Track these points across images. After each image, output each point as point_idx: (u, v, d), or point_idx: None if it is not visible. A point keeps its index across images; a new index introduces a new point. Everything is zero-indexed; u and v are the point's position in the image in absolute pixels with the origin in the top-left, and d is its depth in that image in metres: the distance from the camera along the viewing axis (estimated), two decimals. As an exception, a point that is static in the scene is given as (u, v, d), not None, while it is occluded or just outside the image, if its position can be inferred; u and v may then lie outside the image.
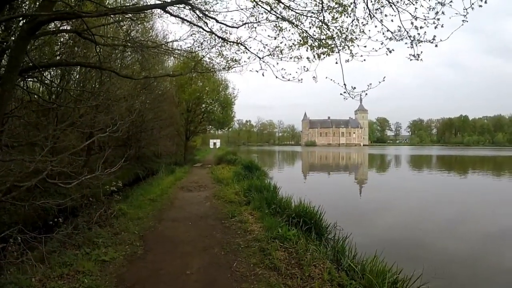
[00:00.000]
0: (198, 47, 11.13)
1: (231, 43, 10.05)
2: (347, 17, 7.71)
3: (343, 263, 7.04)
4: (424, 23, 6.65)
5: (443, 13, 6.47)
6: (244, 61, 10.38)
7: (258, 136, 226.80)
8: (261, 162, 44.11)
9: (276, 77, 8.87)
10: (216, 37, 10.03)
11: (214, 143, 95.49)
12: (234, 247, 7.93)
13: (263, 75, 9.47)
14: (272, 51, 9.19)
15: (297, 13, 8.25)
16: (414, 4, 6.69)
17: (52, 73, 15.09)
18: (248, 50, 9.83)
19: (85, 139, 13.85)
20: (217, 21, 9.39)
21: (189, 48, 11.71)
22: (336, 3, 7.69)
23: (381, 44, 7.16)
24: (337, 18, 7.84)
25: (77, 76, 16.89)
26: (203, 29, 9.91)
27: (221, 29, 9.76)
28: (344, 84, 7.50)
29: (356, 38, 7.84)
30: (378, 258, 7.08)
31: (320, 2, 7.82)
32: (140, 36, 17.47)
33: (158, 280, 6.24)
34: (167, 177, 20.42)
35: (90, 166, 13.54)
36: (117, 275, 6.38)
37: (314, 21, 8.21)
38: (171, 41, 13.67)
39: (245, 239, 8.46)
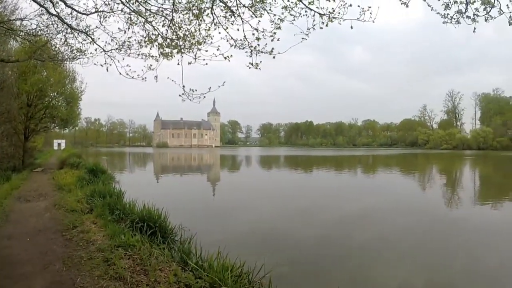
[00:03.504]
0: (42, 31, 10.14)
1: (78, 32, 9.42)
2: (200, 20, 7.85)
3: (189, 263, 7.08)
4: (262, 35, 7.20)
5: (280, 28, 7.24)
6: (91, 53, 9.72)
7: (108, 136, 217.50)
8: (110, 165, 42.49)
9: (120, 73, 8.64)
10: (62, 22, 9.27)
11: (59, 144, 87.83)
12: (76, 260, 7.34)
13: (107, 70, 9.04)
14: (121, 45, 8.89)
15: (148, 10, 8.15)
16: (257, 17, 7.22)
17: None
18: (94, 42, 9.39)
19: None
20: (65, 4, 8.78)
21: (33, 31, 10.55)
22: (192, 5, 7.81)
23: (217, 49, 7.57)
24: (192, 20, 7.93)
25: None
26: (48, 11, 9.16)
27: (70, 14, 9.09)
28: (183, 86, 7.61)
29: (204, 42, 8.05)
30: (220, 254, 7.32)
31: (172, 2, 7.86)
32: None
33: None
34: (1, 185, 17.92)
35: None
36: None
37: (165, 21, 8.18)
38: (15, 19, 12.25)
39: (88, 251, 7.91)
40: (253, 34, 7.34)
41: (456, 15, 6.08)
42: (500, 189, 26.93)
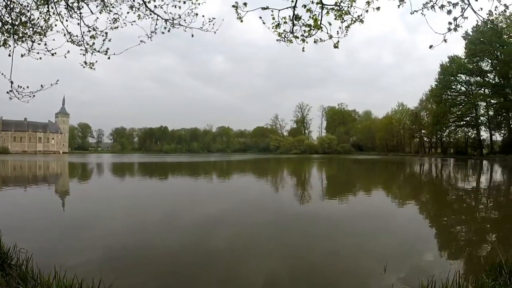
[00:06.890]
0: None
1: None
2: (49, 7, 7.47)
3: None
4: (95, 34, 7.64)
5: (112, 29, 7.66)
6: None
7: None
8: None
9: None
10: None
11: None
12: None
13: None
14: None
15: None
16: (95, 14, 7.39)
17: None
18: None
19: None
20: None
21: None
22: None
23: (44, 44, 7.43)
24: (40, 5, 7.53)
25: None
26: None
27: None
28: (11, 82, 6.83)
29: (45, 33, 7.59)
30: (58, 274, 6.66)
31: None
32: None
33: None
34: None
35: None
36: None
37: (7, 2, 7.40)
38: None
39: None
40: (89, 31, 7.50)
41: (287, 34, 7.02)
42: (344, 186, 31.04)
